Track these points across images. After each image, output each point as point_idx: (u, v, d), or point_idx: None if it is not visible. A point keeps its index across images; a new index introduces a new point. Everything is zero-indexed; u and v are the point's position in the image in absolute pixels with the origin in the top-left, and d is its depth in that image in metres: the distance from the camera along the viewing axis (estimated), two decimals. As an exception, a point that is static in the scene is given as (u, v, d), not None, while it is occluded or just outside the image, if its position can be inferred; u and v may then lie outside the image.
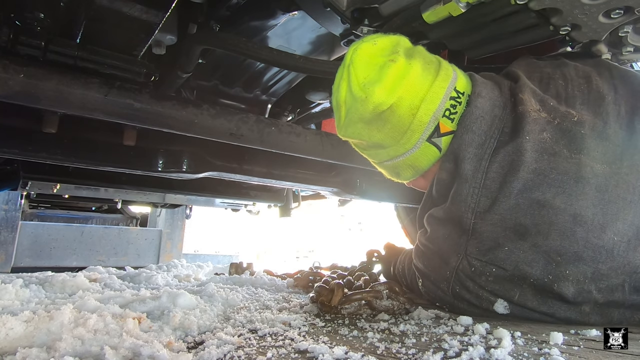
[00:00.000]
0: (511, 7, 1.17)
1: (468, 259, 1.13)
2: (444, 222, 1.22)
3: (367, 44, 1.20)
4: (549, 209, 1.06)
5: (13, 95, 1.27)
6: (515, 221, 1.08)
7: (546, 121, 1.15)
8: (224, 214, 5.65)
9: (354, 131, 1.25)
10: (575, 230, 1.05)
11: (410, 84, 1.16)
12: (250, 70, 2.00)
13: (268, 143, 1.74)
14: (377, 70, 1.16)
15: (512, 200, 1.08)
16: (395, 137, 1.21)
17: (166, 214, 5.21)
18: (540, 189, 1.07)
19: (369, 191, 2.45)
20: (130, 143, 1.79)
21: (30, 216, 5.59)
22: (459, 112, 1.19)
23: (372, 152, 1.33)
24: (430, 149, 1.22)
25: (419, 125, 1.18)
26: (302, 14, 1.56)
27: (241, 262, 2.75)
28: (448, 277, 1.18)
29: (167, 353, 0.83)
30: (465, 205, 1.13)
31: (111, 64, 1.40)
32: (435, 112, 1.17)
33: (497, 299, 1.12)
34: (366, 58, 1.18)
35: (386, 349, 0.88)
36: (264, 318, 1.19)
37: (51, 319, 0.95)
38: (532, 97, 1.18)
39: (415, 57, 1.19)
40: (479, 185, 1.11)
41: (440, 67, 1.22)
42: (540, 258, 1.07)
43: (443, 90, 1.18)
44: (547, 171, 1.08)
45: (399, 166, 1.30)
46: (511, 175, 1.09)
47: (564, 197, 1.06)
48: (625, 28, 1.22)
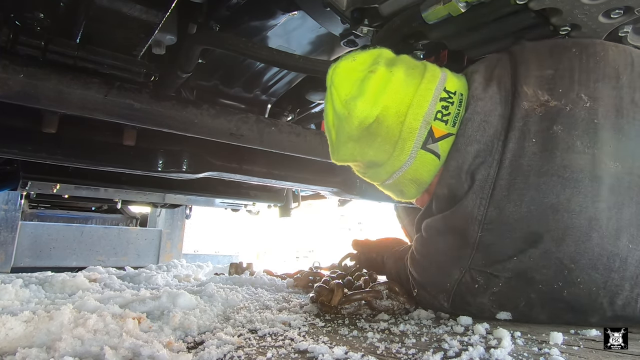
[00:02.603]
0: (511, 7, 1.17)
1: (472, 273, 1.07)
2: (444, 233, 1.14)
3: (345, 62, 1.17)
4: (564, 213, 0.98)
5: (13, 95, 1.27)
6: (526, 230, 1.01)
7: (557, 110, 1.03)
8: (224, 214, 5.65)
9: (346, 152, 1.20)
10: (591, 235, 0.97)
11: (394, 91, 1.11)
12: (250, 70, 2.00)
13: (268, 143, 1.74)
14: (357, 85, 1.12)
15: (523, 209, 1.00)
16: (388, 150, 1.15)
17: (166, 214, 5.21)
18: (554, 192, 0.99)
19: (368, 191, 2.45)
20: (130, 143, 1.79)
21: (30, 216, 5.59)
22: (452, 113, 1.11)
23: (372, 173, 1.27)
24: (427, 157, 1.13)
25: (410, 132, 1.11)
26: (302, 14, 1.56)
27: (241, 262, 2.75)
28: (448, 290, 1.12)
29: (167, 353, 0.83)
30: (472, 218, 1.04)
31: (111, 64, 1.40)
32: (425, 116, 1.10)
33: (500, 311, 1.09)
34: (345, 75, 1.15)
35: (386, 349, 0.88)
36: (264, 318, 1.19)
37: (51, 319, 0.95)
38: (538, 87, 1.07)
39: (397, 65, 1.15)
40: (487, 196, 1.02)
41: (426, 70, 1.16)
42: (551, 265, 1.00)
43: (431, 92, 1.11)
44: (560, 171, 0.99)
45: (400, 183, 1.23)
46: (522, 182, 1.01)
47: (580, 199, 0.98)
48: (625, 28, 1.22)
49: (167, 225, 5.15)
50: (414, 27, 1.33)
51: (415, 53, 1.53)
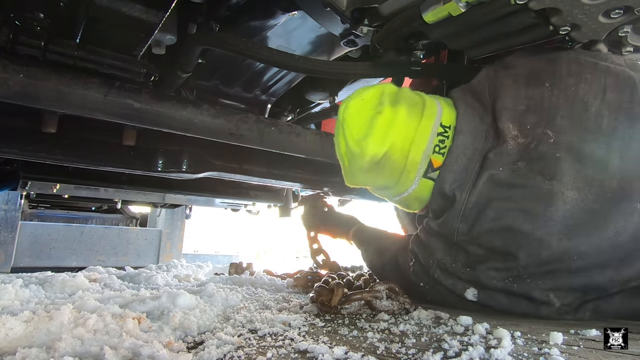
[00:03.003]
0: (511, 7, 1.17)
1: (456, 259, 1.30)
2: (437, 233, 1.36)
3: (355, 101, 1.32)
4: (518, 234, 1.17)
5: (13, 95, 1.27)
6: (489, 243, 1.22)
7: (523, 147, 1.20)
8: (224, 214, 5.65)
9: (359, 180, 1.40)
10: (541, 252, 1.15)
11: (399, 130, 1.27)
12: (250, 70, 2.00)
13: (268, 143, 1.74)
14: (367, 124, 1.28)
15: (485, 226, 1.21)
16: (394, 179, 1.34)
17: (166, 214, 5.21)
18: (511, 216, 1.18)
19: (368, 191, 2.44)
20: (130, 143, 1.78)
21: (30, 216, 5.59)
22: (448, 146, 1.29)
23: (382, 193, 1.48)
24: (427, 183, 1.33)
25: (413, 165, 1.30)
26: (301, 14, 1.56)
27: (241, 262, 2.75)
28: (433, 264, 1.35)
29: (167, 353, 0.83)
30: (451, 229, 1.28)
31: (111, 64, 1.40)
32: (425, 151, 1.29)
33: (469, 288, 1.28)
34: (356, 114, 1.31)
35: (386, 349, 0.88)
36: (264, 318, 1.19)
37: (51, 319, 0.95)
38: (510, 122, 1.24)
39: (400, 103, 1.30)
40: (458, 214, 1.25)
41: (425, 107, 1.31)
42: (512, 270, 1.20)
43: (429, 130, 1.29)
44: (518, 200, 1.18)
45: (406, 200, 1.44)
46: (486, 205, 1.21)
47: (533, 224, 1.15)
48: (625, 28, 1.22)
49: (167, 225, 5.16)
50: (414, 27, 1.33)
51: (415, 53, 1.53)
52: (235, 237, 10.19)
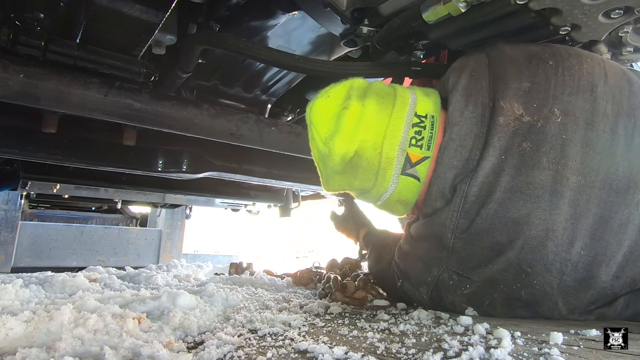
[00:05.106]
0: (511, 7, 1.17)
1: (449, 272, 1.17)
2: (426, 237, 1.24)
3: (321, 99, 1.24)
4: (524, 225, 1.08)
5: (13, 95, 1.27)
6: (491, 240, 1.10)
7: (529, 126, 1.10)
8: (224, 214, 5.65)
9: (334, 183, 1.29)
10: (547, 244, 1.07)
11: (368, 124, 1.16)
12: (250, 70, 2.00)
13: (268, 143, 1.74)
14: (334, 122, 1.19)
15: (488, 222, 1.10)
16: (371, 179, 1.21)
17: (166, 214, 5.20)
18: (516, 207, 1.08)
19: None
20: (130, 143, 1.79)
21: (30, 216, 5.58)
22: (426, 137, 1.17)
23: (363, 197, 1.34)
24: (408, 180, 1.20)
25: (388, 161, 1.17)
26: (301, 14, 1.56)
27: (241, 262, 2.75)
28: (429, 284, 1.22)
29: (167, 353, 0.83)
30: (445, 227, 1.15)
31: (111, 64, 1.40)
32: (400, 144, 1.16)
33: (468, 307, 1.18)
34: (322, 112, 1.22)
35: (386, 349, 0.88)
36: (264, 318, 1.19)
37: (51, 319, 0.95)
38: (514, 100, 1.12)
39: (369, 96, 1.19)
40: (458, 209, 1.12)
41: (396, 97, 1.20)
42: (511, 269, 1.10)
43: (402, 121, 1.16)
44: (523, 187, 1.08)
45: (389, 204, 1.30)
46: (488, 197, 1.09)
47: (539, 213, 1.07)
48: (625, 28, 1.22)
49: (167, 225, 5.15)
50: (414, 27, 1.33)
51: (415, 53, 1.53)
52: (235, 237, 10.19)
